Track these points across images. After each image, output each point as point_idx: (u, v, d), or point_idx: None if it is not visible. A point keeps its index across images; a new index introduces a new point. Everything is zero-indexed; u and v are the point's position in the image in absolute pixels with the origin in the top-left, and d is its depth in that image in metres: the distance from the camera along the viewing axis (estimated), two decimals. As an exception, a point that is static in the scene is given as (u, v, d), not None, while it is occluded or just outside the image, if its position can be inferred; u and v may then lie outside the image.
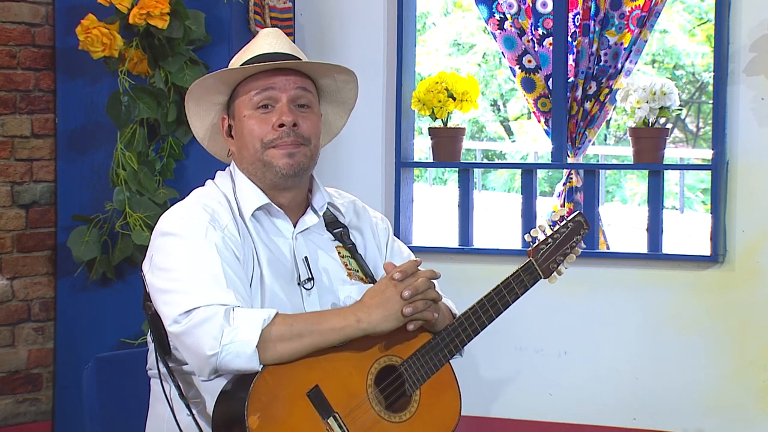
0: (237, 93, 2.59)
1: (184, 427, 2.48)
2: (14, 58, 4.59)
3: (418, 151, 7.56)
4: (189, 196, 2.62)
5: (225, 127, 2.62)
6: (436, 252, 4.73)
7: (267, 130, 2.54)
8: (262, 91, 2.55)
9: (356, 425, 2.40)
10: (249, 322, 2.35)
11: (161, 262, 2.48)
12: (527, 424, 4.61)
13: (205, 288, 2.40)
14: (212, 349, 2.34)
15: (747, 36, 4.32)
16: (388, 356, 2.49)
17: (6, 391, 4.58)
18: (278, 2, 4.66)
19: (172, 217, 2.55)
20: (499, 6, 4.76)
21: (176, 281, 2.43)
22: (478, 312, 2.57)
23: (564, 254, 2.70)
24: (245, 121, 2.56)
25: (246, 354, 2.34)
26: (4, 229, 4.57)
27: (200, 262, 2.44)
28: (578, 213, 2.76)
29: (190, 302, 2.39)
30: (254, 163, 2.57)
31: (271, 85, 2.55)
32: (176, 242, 2.48)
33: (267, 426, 2.31)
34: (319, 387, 2.39)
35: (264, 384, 2.34)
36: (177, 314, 2.39)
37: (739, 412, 4.36)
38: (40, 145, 4.67)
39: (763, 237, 4.33)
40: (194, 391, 2.53)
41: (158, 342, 2.52)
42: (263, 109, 2.56)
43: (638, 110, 4.45)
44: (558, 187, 4.82)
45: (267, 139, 2.54)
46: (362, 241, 2.73)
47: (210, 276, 2.42)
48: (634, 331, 4.49)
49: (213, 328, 2.35)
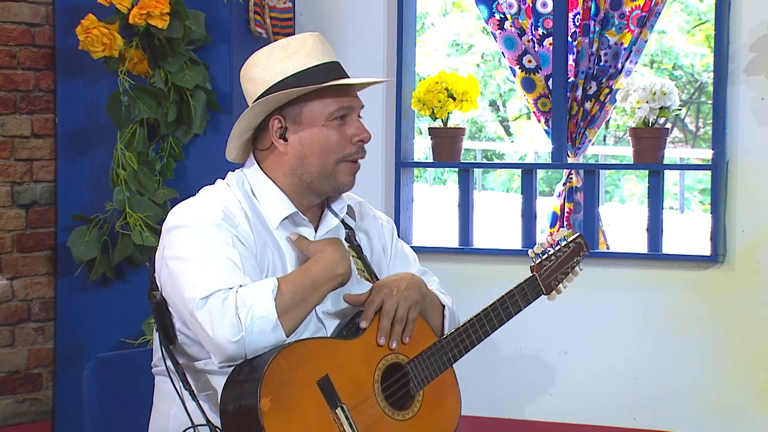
0: (304, 99, 2.56)
1: (193, 418, 2.46)
2: (14, 58, 4.59)
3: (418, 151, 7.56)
4: (199, 193, 2.61)
5: (274, 130, 2.58)
6: (436, 252, 4.73)
7: (345, 143, 2.56)
8: (342, 104, 2.57)
9: (362, 418, 2.43)
10: (259, 296, 2.37)
11: (174, 253, 2.48)
12: (527, 424, 4.62)
13: (220, 273, 2.41)
14: (235, 336, 2.35)
15: (747, 36, 4.32)
16: (395, 353, 2.53)
17: (6, 391, 4.58)
18: (278, 2, 4.66)
19: (184, 211, 2.55)
20: (499, 6, 4.76)
21: (188, 270, 2.43)
22: (482, 321, 2.65)
23: (565, 273, 2.81)
24: (321, 131, 2.55)
25: (269, 328, 2.36)
26: (4, 229, 4.57)
27: (214, 250, 2.44)
28: (579, 235, 2.86)
29: (206, 288, 2.39)
30: (320, 171, 2.57)
31: (349, 99, 2.58)
32: (188, 233, 2.49)
33: (278, 410, 2.33)
34: (329, 377, 2.41)
35: (277, 367, 2.35)
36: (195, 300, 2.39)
37: (739, 412, 4.36)
38: (40, 145, 4.67)
39: (763, 237, 4.33)
40: (203, 381, 2.53)
41: (162, 331, 2.51)
42: (339, 121, 2.56)
43: (638, 110, 4.45)
44: (558, 187, 4.82)
45: (345, 152, 2.56)
46: (368, 243, 2.75)
47: (225, 261, 2.43)
48: (634, 331, 4.49)
49: (231, 313, 2.35)
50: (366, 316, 2.54)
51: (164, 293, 2.50)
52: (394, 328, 2.54)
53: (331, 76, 2.56)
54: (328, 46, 2.64)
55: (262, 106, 2.55)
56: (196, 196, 2.59)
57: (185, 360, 2.54)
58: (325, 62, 2.58)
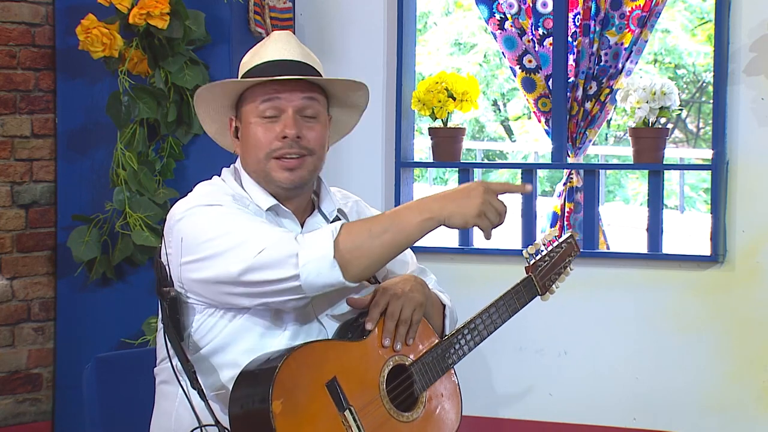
0: (245, 98, 2.58)
1: (200, 415, 2.44)
2: (14, 58, 4.59)
3: (418, 151, 7.55)
4: (196, 188, 2.60)
5: (232, 128, 2.62)
6: (436, 252, 4.73)
7: (271, 140, 2.53)
8: (268, 101, 2.54)
9: (368, 420, 2.44)
10: (318, 238, 2.34)
11: (202, 236, 2.44)
12: (527, 424, 4.62)
13: (263, 230, 2.39)
14: (290, 272, 2.32)
15: (747, 36, 4.32)
16: (400, 355, 2.55)
17: (6, 391, 4.58)
18: (278, 2, 4.66)
19: (191, 200, 2.53)
20: (499, 6, 4.76)
21: (232, 238, 2.40)
22: (482, 322, 2.67)
23: (558, 273, 2.82)
24: (251, 128, 2.55)
25: (326, 268, 2.32)
26: (4, 229, 4.57)
27: (243, 217, 2.44)
28: (570, 235, 2.84)
29: (257, 244, 2.36)
30: (257, 171, 2.57)
31: (277, 95, 2.54)
32: (207, 213, 2.47)
33: (289, 412, 2.33)
34: (337, 379, 2.41)
35: (288, 370, 2.35)
36: (247, 257, 2.35)
37: (739, 412, 4.36)
38: (40, 145, 4.67)
39: (763, 237, 4.33)
40: (214, 378, 2.50)
41: (174, 327, 2.48)
42: (269, 119, 2.54)
43: (638, 110, 4.45)
44: (558, 187, 4.82)
45: (270, 149, 2.54)
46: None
47: (259, 222, 2.43)
48: (634, 331, 4.49)
49: (284, 252, 2.33)
50: (371, 317, 2.54)
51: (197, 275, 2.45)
52: (398, 329, 2.55)
53: (270, 73, 2.53)
54: (292, 43, 2.60)
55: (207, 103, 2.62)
56: (195, 190, 2.59)
57: (197, 355, 2.51)
58: (275, 59, 2.56)
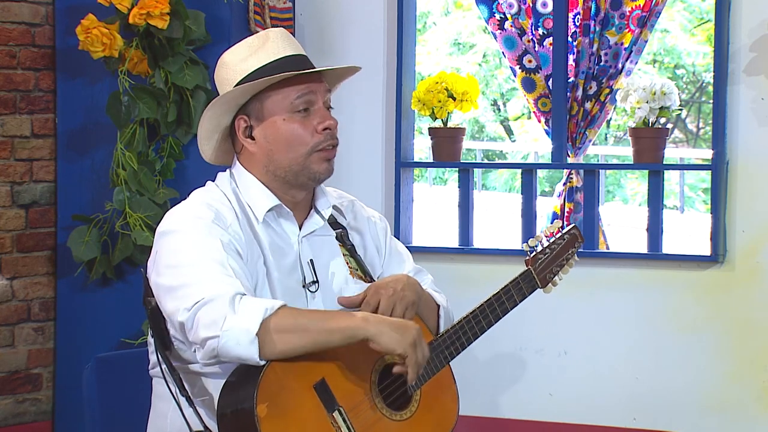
0: (264, 95, 2.56)
1: (190, 422, 2.46)
2: (14, 58, 4.59)
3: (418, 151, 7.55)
4: (190, 196, 2.61)
5: (242, 128, 2.59)
6: (436, 252, 4.73)
7: (311, 133, 2.55)
8: (303, 95, 2.55)
9: (359, 420, 2.42)
10: (251, 310, 2.34)
11: (167, 260, 2.47)
12: (527, 424, 4.62)
13: (212, 279, 2.39)
14: (213, 333, 2.32)
15: (747, 36, 4.32)
16: (391, 355, 2.50)
17: (6, 391, 4.58)
18: (278, 2, 4.66)
19: (175, 216, 2.54)
20: (499, 6, 4.76)
21: (184, 276, 2.41)
22: (478, 317, 2.63)
23: (560, 265, 2.78)
24: (284, 125, 2.54)
25: (245, 342, 2.32)
26: (4, 229, 4.57)
27: (206, 255, 2.43)
28: (573, 226, 2.84)
29: (198, 294, 2.37)
30: (291, 166, 2.56)
31: (311, 89, 2.55)
32: (181, 238, 2.48)
33: (275, 415, 2.32)
34: (325, 380, 2.40)
35: (273, 373, 2.34)
36: (185, 307, 2.37)
37: (739, 412, 4.36)
38: (40, 145, 4.67)
39: (763, 237, 4.33)
40: (199, 386, 2.52)
41: (158, 337, 2.52)
42: (303, 113, 2.55)
43: (638, 110, 4.45)
44: (558, 187, 4.82)
45: (315, 142, 2.54)
46: (361, 242, 2.74)
47: (217, 266, 2.41)
48: (634, 331, 4.49)
49: (216, 313, 2.34)
50: None
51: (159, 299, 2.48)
52: None
53: (291, 68, 2.54)
54: (292, 39, 2.61)
55: (220, 106, 2.56)
56: (187, 200, 2.59)
57: (180, 364, 2.54)
58: (286, 55, 2.56)
